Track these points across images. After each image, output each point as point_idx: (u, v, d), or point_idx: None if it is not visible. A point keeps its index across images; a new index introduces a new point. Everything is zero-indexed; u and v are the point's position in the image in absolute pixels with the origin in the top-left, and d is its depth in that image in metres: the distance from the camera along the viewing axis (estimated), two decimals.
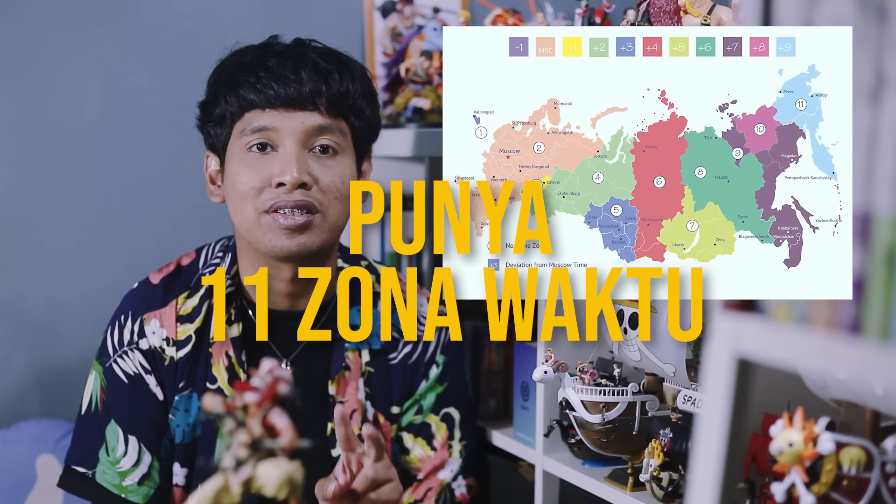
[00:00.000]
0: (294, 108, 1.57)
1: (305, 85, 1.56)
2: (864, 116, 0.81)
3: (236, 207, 1.58)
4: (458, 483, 1.71)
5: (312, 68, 1.58)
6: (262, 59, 1.58)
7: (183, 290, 1.64)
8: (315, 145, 1.58)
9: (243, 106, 1.57)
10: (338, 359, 1.65)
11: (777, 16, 0.89)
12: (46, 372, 2.07)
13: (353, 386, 1.66)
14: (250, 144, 1.57)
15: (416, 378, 1.70)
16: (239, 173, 1.57)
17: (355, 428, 1.63)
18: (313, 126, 1.57)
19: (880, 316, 0.77)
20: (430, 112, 1.98)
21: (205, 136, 1.66)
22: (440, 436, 1.70)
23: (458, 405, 1.73)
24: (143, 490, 1.59)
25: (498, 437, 1.78)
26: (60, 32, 2.06)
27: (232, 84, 1.59)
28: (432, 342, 1.71)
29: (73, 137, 2.08)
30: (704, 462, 0.88)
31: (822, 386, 1.13)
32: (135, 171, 2.13)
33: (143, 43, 2.12)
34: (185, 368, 1.61)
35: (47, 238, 2.07)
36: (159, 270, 1.67)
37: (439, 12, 2.01)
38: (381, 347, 1.68)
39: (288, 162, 1.55)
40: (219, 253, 1.68)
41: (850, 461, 1.01)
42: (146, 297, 1.64)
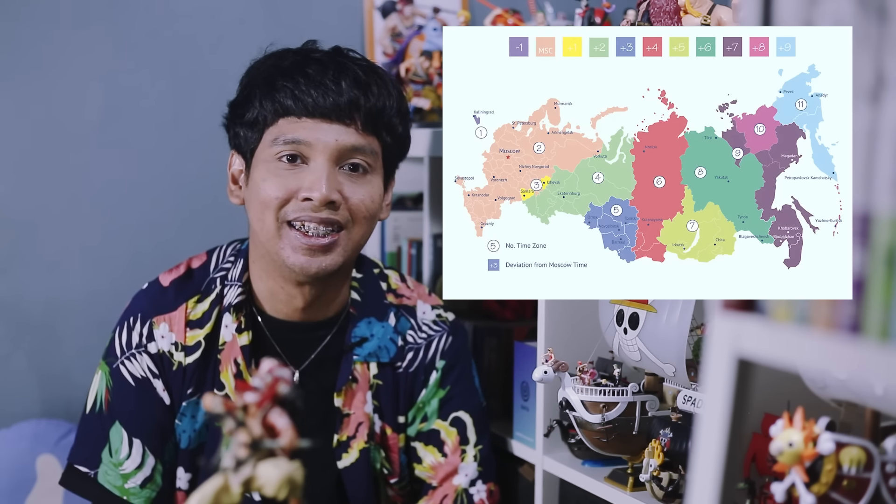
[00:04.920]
0: (331, 120, 1.54)
1: (344, 95, 1.53)
2: (864, 116, 0.81)
3: (258, 215, 1.55)
4: (477, 489, 1.68)
5: (353, 79, 1.55)
6: (301, 65, 1.55)
7: (193, 295, 1.62)
8: (346, 163, 1.56)
9: (278, 112, 1.54)
10: (345, 371, 1.63)
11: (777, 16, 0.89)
12: (46, 372, 2.07)
13: (361, 398, 1.64)
14: (280, 155, 1.54)
15: (417, 385, 1.68)
16: (266, 181, 1.54)
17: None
18: (347, 145, 1.54)
19: (880, 316, 0.77)
20: (430, 112, 1.98)
21: (231, 135, 1.63)
22: (451, 441, 1.68)
23: (468, 409, 1.70)
24: (146, 493, 1.59)
25: (498, 438, 1.78)
26: (60, 33, 2.06)
27: (268, 88, 1.55)
28: (431, 349, 1.70)
29: (74, 138, 2.08)
30: (704, 462, 0.88)
31: (822, 386, 1.13)
32: (135, 171, 2.13)
33: (143, 43, 2.12)
34: (195, 375, 1.59)
35: (48, 239, 2.07)
36: (169, 271, 1.65)
37: (439, 12, 2.02)
38: (389, 361, 1.66)
39: (318, 178, 1.52)
40: (230, 257, 1.65)
41: (850, 461, 1.01)
42: (156, 300, 1.62)
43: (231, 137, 1.63)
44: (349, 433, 1.63)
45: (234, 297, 1.60)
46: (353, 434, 1.63)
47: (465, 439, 1.69)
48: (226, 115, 1.64)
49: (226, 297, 1.61)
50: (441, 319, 1.72)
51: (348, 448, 1.63)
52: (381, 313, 1.67)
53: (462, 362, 1.72)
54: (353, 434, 1.63)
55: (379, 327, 1.66)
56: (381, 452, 1.66)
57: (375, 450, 1.65)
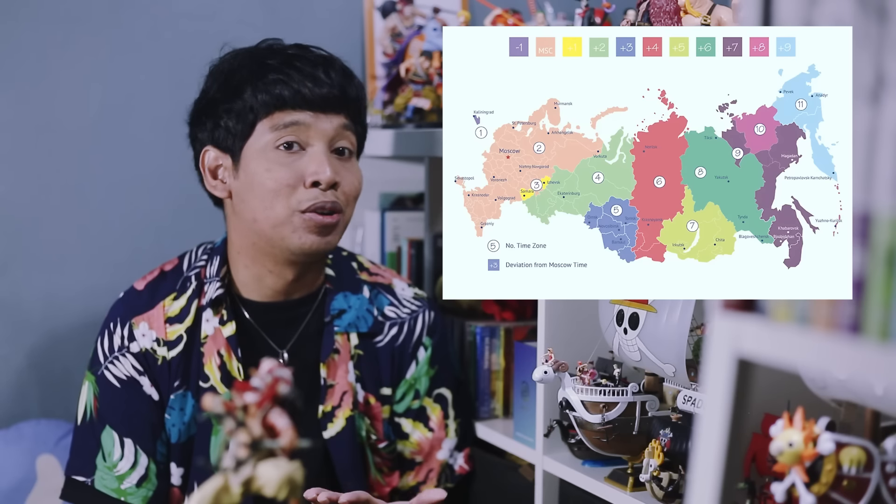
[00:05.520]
0: (324, 110, 1.60)
1: (335, 87, 1.61)
2: (864, 116, 0.81)
3: (264, 203, 1.59)
4: (454, 458, 1.76)
5: (340, 71, 1.63)
6: (290, 59, 1.61)
7: (169, 293, 1.66)
8: (335, 147, 1.63)
9: (273, 104, 1.58)
10: (328, 342, 1.68)
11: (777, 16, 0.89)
12: (46, 372, 2.07)
13: (343, 369, 1.69)
14: (279, 142, 1.59)
15: (405, 360, 1.74)
16: (270, 171, 1.58)
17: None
18: (339, 131, 1.62)
19: (880, 316, 0.77)
20: (430, 112, 1.98)
21: (208, 129, 1.63)
22: (435, 416, 1.75)
23: (448, 385, 1.77)
24: (142, 492, 1.60)
25: (498, 438, 1.78)
26: (61, 33, 2.06)
27: (259, 81, 1.59)
28: (418, 324, 1.75)
29: (74, 138, 2.08)
30: (704, 462, 0.88)
31: (822, 386, 1.13)
32: (135, 170, 2.13)
33: (143, 43, 2.12)
34: (179, 368, 1.62)
35: (47, 238, 2.07)
36: (143, 278, 1.69)
37: (439, 12, 2.01)
38: (367, 331, 1.71)
39: (321, 162, 1.59)
40: (203, 256, 1.69)
41: (850, 461, 1.01)
42: (132, 303, 1.66)
43: (207, 131, 1.64)
44: (334, 403, 1.67)
45: (214, 292, 1.64)
46: (337, 403, 1.67)
47: (446, 414, 1.76)
48: (197, 110, 1.66)
49: (205, 293, 1.65)
50: (419, 296, 1.79)
51: (333, 418, 1.67)
52: (356, 287, 1.74)
53: (444, 339, 1.79)
54: (337, 403, 1.67)
55: (355, 299, 1.72)
56: (366, 420, 1.70)
57: (360, 418, 1.69)
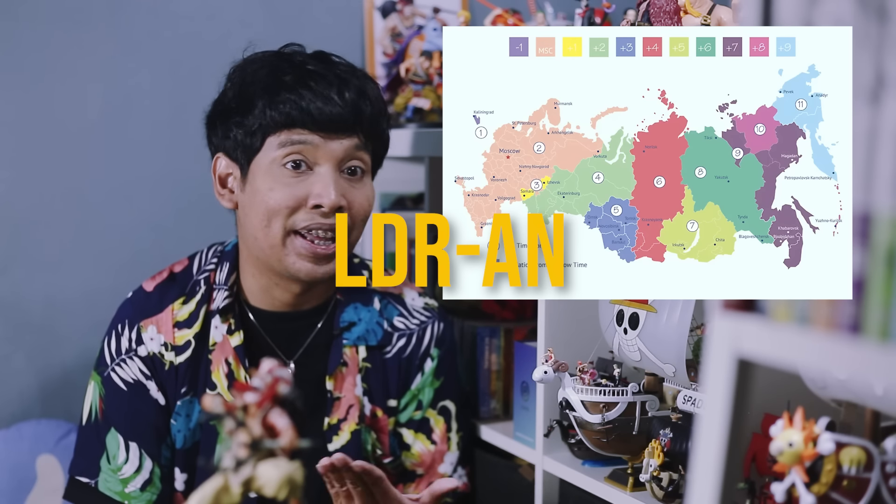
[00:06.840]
0: (334, 132, 1.57)
1: (347, 109, 1.57)
2: (864, 116, 0.81)
3: (262, 222, 1.57)
4: (458, 474, 1.74)
5: (355, 91, 1.59)
6: (304, 78, 1.57)
7: (178, 297, 1.64)
8: (346, 167, 1.59)
9: (283, 123, 1.56)
10: (335, 355, 1.67)
11: (777, 16, 0.89)
12: (46, 372, 2.07)
13: (351, 381, 1.67)
14: (286, 160, 1.56)
15: (412, 371, 1.72)
16: (273, 190, 1.56)
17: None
18: (349, 152, 1.59)
19: (880, 316, 0.77)
20: (430, 112, 1.98)
21: (220, 136, 1.62)
22: (438, 429, 1.73)
23: (453, 398, 1.75)
24: (146, 496, 1.60)
25: (498, 437, 1.78)
26: (61, 33, 2.06)
27: (271, 98, 1.56)
28: (426, 336, 1.73)
29: (74, 138, 2.08)
30: (704, 462, 0.88)
31: (822, 386, 1.13)
32: (136, 171, 2.13)
33: (144, 43, 2.12)
34: (187, 374, 1.61)
35: (47, 238, 2.07)
36: (152, 278, 1.68)
37: (439, 12, 2.01)
38: (376, 344, 1.70)
39: (327, 184, 1.55)
40: (213, 259, 1.67)
41: (850, 461, 1.01)
42: (141, 305, 1.64)
43: (220, 138, 1.63)
44: (340, 416, 1.66)
45: (222, 301, 1.63)
46: (343, 417, 1.66)
47: (449, 427, 1.74)
48: (213, 114, 1.64)
49: (214, 300, 1.63)
50: (429, 306, 1.76)
51: (339, 430, 1.66)
52: (366, 299, 1.71)
53: (452, 351, 1.77)
54: (343, 417, 1.66)
55: (365, 312, 1.70)
56: (371, 434, 1.69)
57: (366, 431, 1.68)
